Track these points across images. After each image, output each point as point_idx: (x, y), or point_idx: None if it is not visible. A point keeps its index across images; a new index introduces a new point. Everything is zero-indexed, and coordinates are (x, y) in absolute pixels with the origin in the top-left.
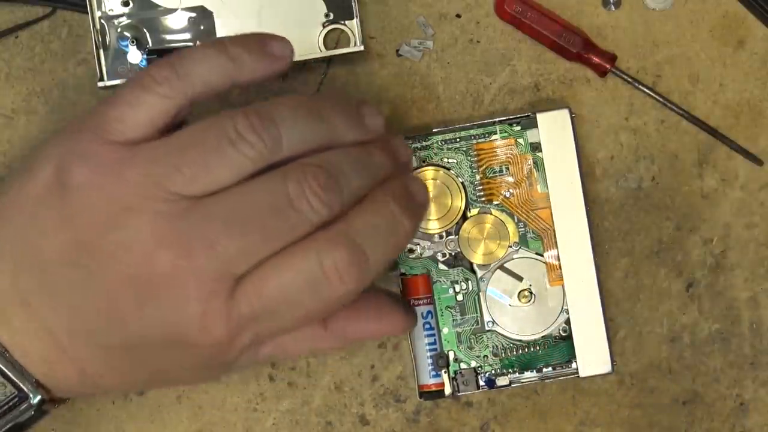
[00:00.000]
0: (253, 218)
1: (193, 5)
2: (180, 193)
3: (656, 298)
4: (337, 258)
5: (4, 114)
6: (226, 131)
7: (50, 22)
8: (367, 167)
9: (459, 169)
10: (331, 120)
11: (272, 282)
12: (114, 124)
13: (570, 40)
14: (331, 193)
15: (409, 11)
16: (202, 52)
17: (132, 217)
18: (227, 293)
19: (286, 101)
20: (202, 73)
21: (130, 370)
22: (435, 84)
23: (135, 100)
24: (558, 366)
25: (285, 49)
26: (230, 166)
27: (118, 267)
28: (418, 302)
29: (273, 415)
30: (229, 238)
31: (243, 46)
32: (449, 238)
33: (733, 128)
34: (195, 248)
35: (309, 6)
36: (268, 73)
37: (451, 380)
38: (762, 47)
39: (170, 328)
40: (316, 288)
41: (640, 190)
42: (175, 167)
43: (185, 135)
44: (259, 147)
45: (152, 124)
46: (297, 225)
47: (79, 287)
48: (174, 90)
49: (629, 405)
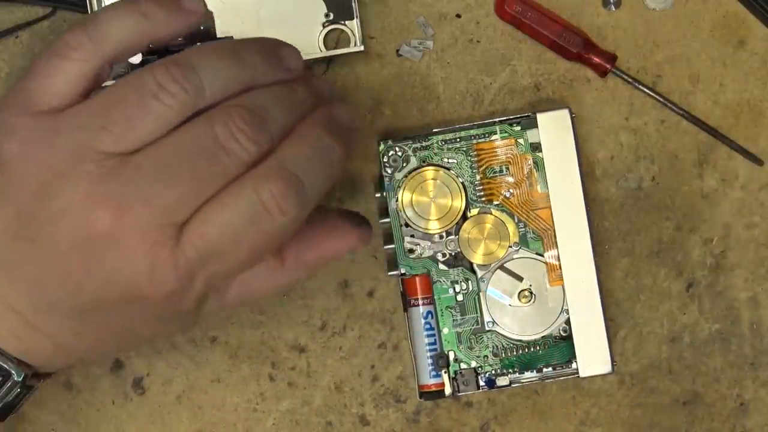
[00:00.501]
0: (185, 165)
1: None
2: (108, 151)
3: (656, 298)
4: (273, 189)
5: None
6: (147, 84)
7: (50, 22)
8: (291, 102)
9: (459, 169)
10: (251, 62)
11: (214, 223)
12: (36, 95)
13: (570, 40)
14: (257, 130)
15: (409, 11)
16: (114, 12)
17: (64, 182)
18: (171, 242)
19: (205, 48)
20: (116, 33)
21: (97, 333)
22: (435, 84)
23: (53, 69)
24: (558, 366)
25: (197, 2)
26: (155, 118)
27: (60, 234)
28: (418, 302)
29: (273, 415)
30: (163, 188)
31: (155, 2)
32: (449, 238)
33: (733, 128)
34: (131, 204)
35: (309, 6)
36: (182, 28)
37: (452, 380)
38: (762, 47)
39: (122, 287)
40: (257, 222)
41: (640, 190)
42: (101, 127)
43: (107, 94)
44: (181, 96)
45: (73, 90)
46: (229, 166)
47: (30, 259)
48: (89, 53)
49: (629, 405)
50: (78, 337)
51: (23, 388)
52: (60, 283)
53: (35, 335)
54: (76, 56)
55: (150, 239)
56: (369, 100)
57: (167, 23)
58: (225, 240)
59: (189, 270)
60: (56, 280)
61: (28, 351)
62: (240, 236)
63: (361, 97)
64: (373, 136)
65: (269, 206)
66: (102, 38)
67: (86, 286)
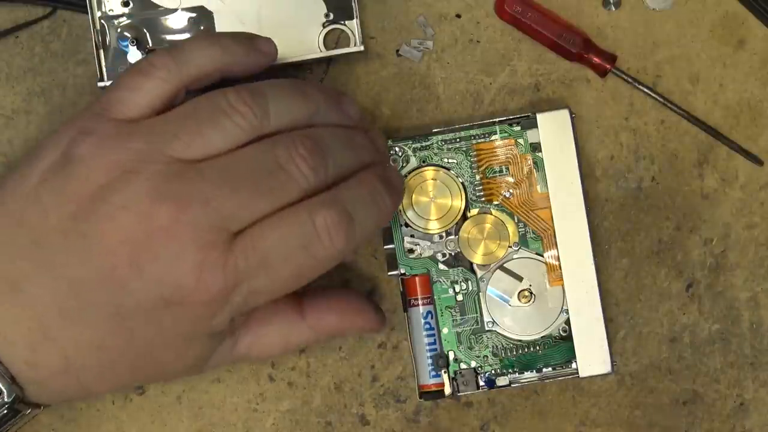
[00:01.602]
0: (245, 177)
1: (193, 5)
2: (177, 157)
3: (656, 298)
4: (327, 217)
5: (4, 114)
6: (219, 103)
7: (50, 22)
8: (350, 145)
9: (459, 169)
10: (314, 99)
11: (267, 236)
12: (116, 106)
13: (570, 40)
14: (317, 159)
15: (409, 11)
16: (198, 42)
17: (131, 178)
18: (223, 246)
19: (274, 81)
20: (197, 60)
21: (118, 348)
22: (435, 84)
23: (135, 84)
24: (558, 366)
25: (270, 46)
26: (223, 133)
27: (117, 228)
28: (417, 302)
29: (273, 415)
30: (223, 194)
31: (234, 39)
32: (449, 238)
33: (733, 128)
34: (190, 203)
35: (309, 6)
36: (255, 65)
37: (451, 380)
38: (762, 47)
39: (167, 285)
40: (307, 243)
41: (640, 190)
42: (173, 134)
43: (182, 108)
44: (249, 116)
45: (151, 106)
46: (286, 185)
47: (76, 257)
48: (171, 74)
49: (629, 405)
50: (95, 351)
51: (10, 410)
52: (103, 280)
53: (49, 346)
54: (158, 75)
55: (204, 239)
56: (369, 100)
57: (243, 59)
58: (275, 255)
59: (235, 277)
60: (100, 276)
61: (36, 364)
62: (289, 254)
63: (361, 97)
64: None
65: (320, 231)
66: (184, 62)
67: (131, 283)
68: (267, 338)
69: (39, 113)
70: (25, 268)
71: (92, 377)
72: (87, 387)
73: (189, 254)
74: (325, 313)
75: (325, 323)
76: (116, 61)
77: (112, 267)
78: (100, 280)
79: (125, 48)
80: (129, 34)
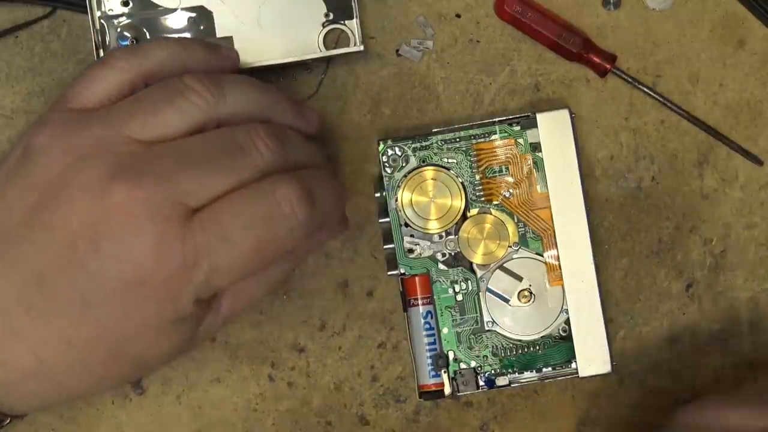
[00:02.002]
0: (203, 155)
1: (193, 5)
2: (133, 137)
3: (656, 298)
4: (289, 187)
5: (4, 114)
6: (175, 84)
7: (50, 22)
8: (307, 146)
9: (459, 169)
10: (271, 94)
11: (226, 209)
12: (74, 96)
13: (570, 40)
14: (275, 142)
15: (409, 11)
16: (161, 40)
17: (88, 162)
18: (181, 220)
19: (234, 74)
20: (157, 54)
21: (89, 339)
22: (435, 84)
23: (93, 75)
24: (558, 366)
25: (232, 52)
26: (179, 112)
27: (76, 211)
28: (417, 302)
29: (273, 415)
30: (180, 170)
31: (198, 42)
32: (449, 238)
33: (733, 128)
34: (147, 180)
35: (309, 6)
36: (217, 67)
37: (451, 380)
38: (762, 47)
39: (126, 263)
40: (269, 218)
41: (640, 190)
42: (128, 114)
43: (139, 93)
44: (205, 95)
45: (107, 95)
46: (244, 162)
47: (40, 248)
48: (129, 64)
49: (629, 405)
50: (65, 347)
51: None
52: (65, 267)
53: (18, 344)
54: (115, 65)
55: (160, 214)
56: (369, 100)
57: (204, 58)
58: (234, 227)
59: (195, 252)
60: (62, 264)
61: (5, 363)
62: (249, 225)
63: (361, 97)
64: (372, 136)
65: (282, 200)
66: (143, 55)
67: (90, 264)
68: (245, 287)
69: (39, 113)
70: None
71: (66, 376)
72: (62, 388)
73: (146, 230)
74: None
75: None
76: None
77: (73, 251)
78: (62, 268)
79: None
80: (129, 34)
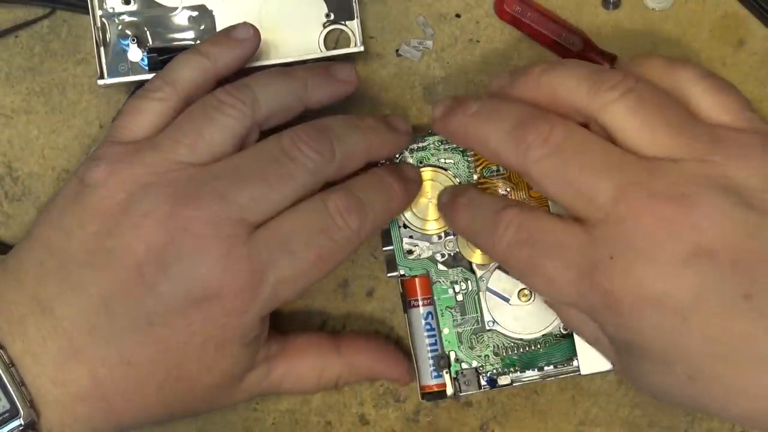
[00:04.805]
0: (255, 170)
1: (194, 4)
2: (186, 161)
3: None
4: (338, 201)
5: (4, 114)
6: (209, 102)
7: (50, 22)
8: (356, 127)
9: (456, 170)
10: (299, 77)
11: (286, 223)
12: (122, 131)
13: (570, 40)
14: (320, 142)
15: (408, 11)
16: (181, 57)
17: (148, 189)
18: (245, 237)
19: (257, 73)
20: (185, 74)
21: (145, 364)
22: (435, 84)
23: (135, 108)
24: (559, 364)
25: (247, 30)
26: (220, 127)
27: (141, 236)
28: (418, 303)
29: (273, 415)
30: (237, 188)
31: (210, 42)
32: (448, 239)
33: None
34: (208, 202)
35: (309, 6)
36: (238, 58)
37: (453, 380)
38: (762, 47)
39: (194, 282)
40: (324, 228)
41: None
42: (175, 141)
43: (178, 118)
44: (239, 106)
45: (154, 124)
46: (293, 169)
47: (103, 273)
48: (166, 92)
49: (629, 405)
50: (124, 367)
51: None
52: (131, 289)
53: (78, 364)
54: (156, 96)
55: (224, 232)
56: (369, 100)
57: (224, 56)
58: (296, 240)
59: (260, 266)
60: (128, 287)
61: (64, 382)
62: (309, 238)
63: (361, 97)
64: None
65: (333, 213)
66: (174, 80)
67: (159, 286)
68: (301, 369)
69: (39, 113)
70: (54, 290)
71: (119, 398)
72: (111, 413)
73: (212, 249)
74: (360, 353)
75: (359, 362)
76: (117, 59)
77: (140, 274)
78: (127, 291)
79: (126, 46)
80: (130, 33)
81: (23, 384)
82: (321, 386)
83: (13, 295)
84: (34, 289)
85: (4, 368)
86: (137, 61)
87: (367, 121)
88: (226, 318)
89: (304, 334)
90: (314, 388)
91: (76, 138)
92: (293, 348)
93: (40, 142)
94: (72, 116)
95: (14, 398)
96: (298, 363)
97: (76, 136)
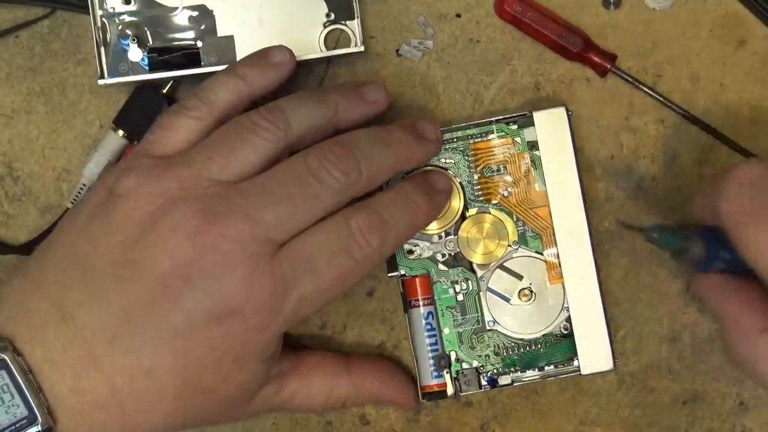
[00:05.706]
0: (282, 190)
1: (195, 4)
2: (216, 179)
3: (656, 298)
4: (359, 219)
5: (4, 114)
6: (243, 123)
7: (50, 22)
8: (383, 141)
9: (457, 169)
10: (330, 100)
11: (309, 242)
12: (155, 145)
13: (570, 40)
14: (347, 161)
15: (409, 11)
16: (217, 78)
17: (177, 203)
18: (269, 255)
19: (291, 95)
20: (221, 95)
21: (167, 373)
22: (435, 84)
23: (170, 124)
24: (560, 364)
25: (284, 54)
26: (252, 148)
27: (167, 250)
28: (418, 303)
29: (273, 415)
30: (263, 208)
31: (248, 64)
32: (448, 239)
33: (733, 128)
34: (234, 218)
35: (310, 6)
36: (274, 81)
37: (454, 380)
38: (762, 47)
39: (219, 298)
40: (347, 247)
41: (640, 190)
42: (208, 158)
43: (212, 135)
44: (272, 129)
45: (187, 141)
46: (319, 190)
47: (127, 284)
48: (202, 113)
49: (629, 405)
50: (143, 377)
51: None
52: (155, 302)
53: (97, 373)
54: (191, 115)
55: (250, 250)
56: None
57: (260, 79)
58: (319, 258)
59: (284, 283)
60: (152, 299)
61: (82, 390)
62: (332, 256)
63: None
64: None
65: (355, 231)
66: (211, 101)
67: (184, 300)
68: (312, 387)
69: (39, 113)
70: (76, 297)
71: (136, 407)
72: (127, 422)
73: (238, 267)
74: (369, 375)
75: (368, 385)
76: (117, 58)
77: (164, 287)
78: (151, 303)
79: (126, 46)
80: (130, 32)
81: (41, 390)
82: (329, 406)
83: (35, 302)
84: (55, 296)
85: (23, 375)
86: (137, 61)
87: (395, 134)
88: (247, 334)
89: (316, 353)
90: (322, 407)
91: (77, 138)
92: (305, 366)
93: (41, 142)
94: (72, 116)
95: (32, 405)
96: (309, 381)
97: (77, 136)
